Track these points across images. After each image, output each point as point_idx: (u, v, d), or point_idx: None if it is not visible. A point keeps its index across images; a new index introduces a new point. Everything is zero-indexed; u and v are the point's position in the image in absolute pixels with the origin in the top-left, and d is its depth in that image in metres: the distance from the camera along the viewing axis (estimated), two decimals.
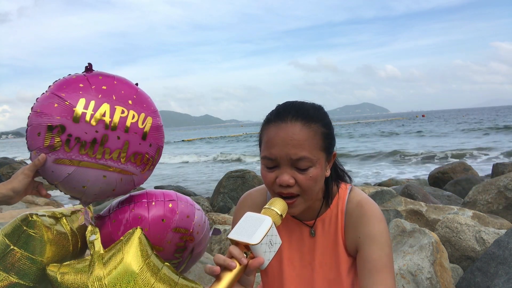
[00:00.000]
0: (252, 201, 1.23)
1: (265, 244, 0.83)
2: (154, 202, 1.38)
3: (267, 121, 1.05)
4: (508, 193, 4.29)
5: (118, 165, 1.25)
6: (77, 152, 1.20)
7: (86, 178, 1.23)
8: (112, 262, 1.22)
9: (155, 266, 1.24)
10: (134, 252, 1.23)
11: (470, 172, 8.21)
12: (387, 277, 1.02)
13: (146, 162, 1.31)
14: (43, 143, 1.19)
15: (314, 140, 0.99)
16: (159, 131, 1.33)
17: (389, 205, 4.25)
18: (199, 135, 71.10)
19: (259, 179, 7.61)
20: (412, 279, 2.44)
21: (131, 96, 1.28)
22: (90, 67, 1.31)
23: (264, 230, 0.83)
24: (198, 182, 14.49)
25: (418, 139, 28.14)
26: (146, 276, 1.21)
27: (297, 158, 0.97)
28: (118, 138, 1.22)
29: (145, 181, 1.40)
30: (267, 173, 1.03)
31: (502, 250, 2.51)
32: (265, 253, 0.84)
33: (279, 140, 0.98)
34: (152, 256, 1.26)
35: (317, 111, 1.04)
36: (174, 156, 26.69)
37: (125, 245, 1.24)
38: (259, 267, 0.85)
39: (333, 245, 1.13)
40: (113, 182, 1.27)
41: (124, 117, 1.24)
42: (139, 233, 1.27)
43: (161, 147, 1.36)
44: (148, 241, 1.28)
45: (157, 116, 1.34)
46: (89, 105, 1.20)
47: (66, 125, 1.18)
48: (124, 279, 1.19)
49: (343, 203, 1.14)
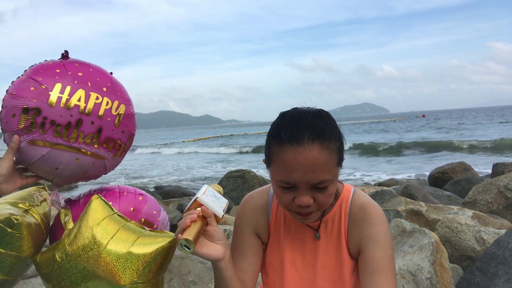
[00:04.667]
0: (254, 203, 1.23)
1: (210, 196, 1.07)
2: (125, 192, 1.45)
3: (279, 141, 0.99)
4: (508, 193, 4.30)
5: (91, 149, 1.30)
6: (51, 135, 1.23)
7: (59, 160, 1.27)
8: (73, 229, 1.26)
9: (116, 222, 1.25)
10: (92, 213, 1.25)
11: (470, 172, 8.21)
12: (389, 278, 1.03)
13: (118, 148, 1.36)
14: (17, 125, 1.23)
15: (332, 160, 0.98)
16: (131, 119, 1.39)
17: (389, 205, 4.25)
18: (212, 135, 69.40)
19: (259, 179, 7.62)
20: (412, 279, 2.44)
21: (106, 84, 1.33)
22: (67, 54, 1.36)
23: (204, 189, 1.09)
24: (197, 182, 14.50)
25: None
26: (103, 230, 1.21)
27: (318, 182, 0.97)
28: (92, 123, 1.27)
29: (116, 166, 1.45)
30: (283, 194, 1.01)
31: (502, 250, 2.52)
32: (214, 202, 1.06)
33: (298, 166, 0.95)
34: (114, 215, 1.27)
35: (329, 125, 1.00)
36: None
37: (85, 212, 1.28)
38: (210, 212, 1.03)
39: (336, 247, 1.13)
40: (85, 165, 1.31)
41: (99, 103, 1.29)
42: (96, 197, 1.30)
43: (132, 134, 1.42)
44: (108, 203, 1.30)
45: (130, 104, 1.40)
46: (65, 90, 1.25)
47: (42, 108, 1.22)
48: (83, 240, 1.20)
49: (347, 205, 1.14)
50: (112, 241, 1.19)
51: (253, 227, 1.20)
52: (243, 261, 1.17)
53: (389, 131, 41.19)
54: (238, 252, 1.19)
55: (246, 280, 1.15)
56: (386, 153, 20.84)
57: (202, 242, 1.01)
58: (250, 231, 1.20)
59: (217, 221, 1.05)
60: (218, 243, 1.03)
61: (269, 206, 1.21)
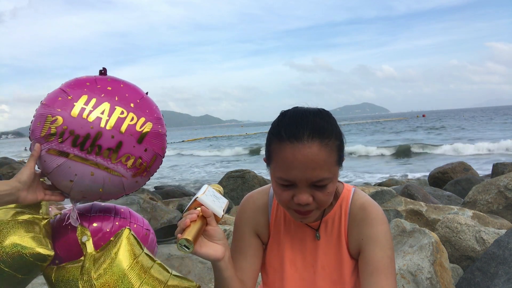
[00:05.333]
0: (254, 203, 1.23)
1: (210, 196, 1.07)
2: (136, 225, 1.42)
3: (280, 138, 0.99)
4: (508, 193, 4.30)
5: (107, 164, 1.25)
6: (69, 145, 1.22)
7: (73, 171, 1.24)
8: (102, 262, 1.24)
9: (145, 264, 1.26)
10: (123, 251, 1.24)
11: (470, 172, 8.21)
12: (389, 278, 1.03)
13: (138, 166, 1.28)
14: (40, 133, 1.23)
15: (331, 158, 0.98)
16: (158, 138, 1.32)
17: (389, 205, 4.25)
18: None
19: (259, 179, 7.62)
20: (412, 279, 2.44)
21: (135, 100, 1.30)
22: (105, 71, 1.35)
23: (204, 189, 1.10)
24: (197, 182, 14.50)
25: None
26: (135, 273, 1.22)
27: (317, 180, 0.97)
28: (112, 137, 1.23)
29: (139, 188, 1.38)
30: (282, 192, 1.01)
31: (502, 250, 2.52)
32: (214, 202, 1.06)
33: (297, 163, 0.95)
34: (142, 254, 1.28)
35: (329, 124, 1.01)
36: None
37: (114, 246, 1.26)
38: (210, 212, 1.03)
39: (336, 247, 1.13)
40: (100, 180, 1.27)
41: (123, 118, 1.25)
42: (127, 232, 1.29)
43: (159, 155, 1.33)
44: (137, 240, 1.30)
45: (159, 124, 1.33)
46: (90, 102, 1.24)
47: (64, 118, 1.22)
48: (113, 278, 1.21)
49: (347, 204, 1.14)
50: (143, 286, 1.22)
51: (253, 227, 1.20)
52: (243, 261, 1.17)
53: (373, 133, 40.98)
54: (238, 252, 1.19)
55: (246, 280, 1.15)
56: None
57: (202, 242, 1.01)
58: (250, 231, 1.20)
59: (217, 221, 1.05)
60: (218, 243, 1.04)
61: (269, 206, 1.21)
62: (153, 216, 4.94)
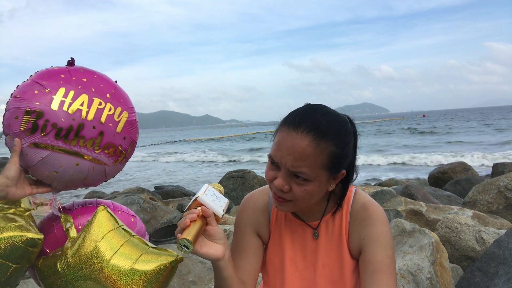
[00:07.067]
0: (254, 203, 1.23)
1: (210, 195, 1.06)
2: (120, 211, 1.46)
3: (284, 122, 1.04)
4: (508, 193, 4.30)
5: (91, 154, 1.30)
6: (52, 138, 1.24)
7: (58, 163, 1.27)
8: (76, 239, 1.25)
9: (120, 237, 1.25)
10: (96, 224, 1.25)
11: (470, 172, 8.21)
12: (389, 278, 1.03)
13: (118, 154, 1.37)
14: (19, 127, 1.23)
15: (318, 159, 0.98)
16: (133, 126, 1.40)
17: (389, 205, 4.26)
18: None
19: (259, 179, 7.62)
20: (412, 279, 2.44)
21: (110, 91, 1.35)
22: (73, 61, 1.38)
23: (204, 189, 1.09)
24: (197, 182, 14.50)
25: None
26: (108, 245, 1.21)
27: (294, 171, 0.98)
28: (94, 128, 1.28)
29: (116, 174, 1.45)
30: (269, 170, 1.06)
31: (502, 250, 2.52)
32: (214, 202, 1.05)
33: (284, 147, 0.99)
34: (119, 228, 1.27)
35: (334, 128, 1.00)
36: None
37: (89, 223, 1.28)
38: (210, 212, 1.02)
39: (337, 247, 1.13)
40: (84, 170, 1.31)
41: (101, 108, 1.30)
42: (102, 208, 1.30)
43: (134, 141, 1.43)
44: (113, 216, 1.30)
45: (133, 112, 1.42)
46: (68, 94, 1.27)
47: (44, 111, 1.23)
48: (86, 250, 1.20)
49: (348, 205, 1.14)
50: (116, 256, 1.19)
51: (254, 226, 1.21)
52: (243, 260, 1.17)
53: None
54: (239, 252, 1.19)
55: (247, 280, 1.15)
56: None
57: (202, 242, 1.02)
58: (250, 230, 1.20)
59: (217, 220, 1.05)
60: (218, 242, 1.04)
61: (269, 205, 1.21)
62: (153, 216, 4.94)
